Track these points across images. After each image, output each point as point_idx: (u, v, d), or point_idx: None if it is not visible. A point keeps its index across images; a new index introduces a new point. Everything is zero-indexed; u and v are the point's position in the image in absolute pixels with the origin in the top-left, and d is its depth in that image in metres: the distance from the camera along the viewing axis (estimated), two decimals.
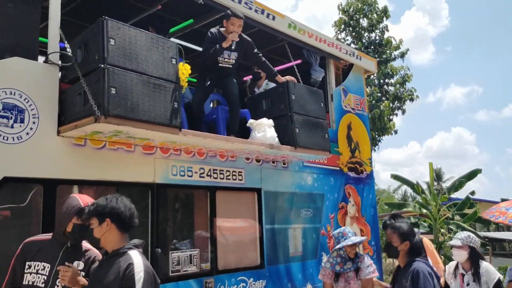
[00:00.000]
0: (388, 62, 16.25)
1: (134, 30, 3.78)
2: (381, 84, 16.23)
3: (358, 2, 16.55)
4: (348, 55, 7.38)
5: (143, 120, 3.66)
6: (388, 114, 15.28)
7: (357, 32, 16.62)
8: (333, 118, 7.11)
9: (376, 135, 15.23)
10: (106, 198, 2.71)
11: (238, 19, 5.07)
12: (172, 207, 4.83)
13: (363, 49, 16.12)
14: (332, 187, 6.71)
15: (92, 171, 3.94)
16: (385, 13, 16.62)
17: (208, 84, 5.30)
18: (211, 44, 5.10)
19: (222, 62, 5.20)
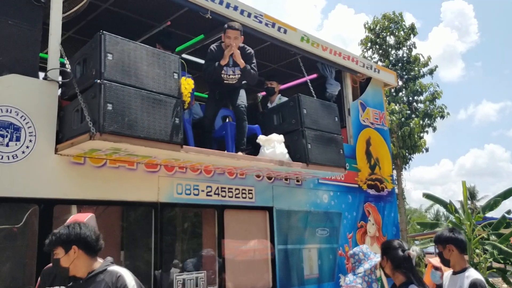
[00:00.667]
0: (417, 79, 16.08)
1: (133, 44, 3.67)
2: (410, 101, 16.02)
3: (384, 20, 16.46)
4: (366, 68, 7.14)
5: (142, 137, 3.51)
6: (419, 131, 15.01)
7: (384, 49, 16.52)
8: (351, 133, 6.85)
9: (407, 153, 14.94)
10: (67, 226, 2.60)
11: (233, 31, 4.94)
12: (177, 227, 4.66)
13: (391, 67, 16.09)
14: (350, 205, 6.42)
15: (91, 191, 3.81)
16: (412, 30, 16.48)
17: (217, 99, 5.16)
18: (211, 61, 5.01)
19: (227, 79, 5.06)
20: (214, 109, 5.14)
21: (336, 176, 6.26)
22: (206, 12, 4.99)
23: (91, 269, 2.51)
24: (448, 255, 3.32)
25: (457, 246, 3.29)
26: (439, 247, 3.39)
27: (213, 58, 5.00)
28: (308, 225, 5.72)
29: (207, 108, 5.12)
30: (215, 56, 5.00)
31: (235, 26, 4.93)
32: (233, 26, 4.93)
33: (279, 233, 5.29)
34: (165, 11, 5.30)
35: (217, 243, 4.65)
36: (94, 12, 5.28)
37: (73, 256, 2.50)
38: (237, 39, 4.96)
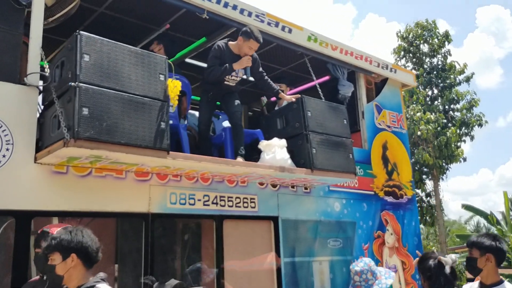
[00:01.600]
0: (453, 87, 15.63)
1: (114, 44, 3.45)
2: (446, 110, 15.53)
3: (417, 28, 16.10)
4: (381, 68, 6.74)
5: (122, 143, 3.27)
6: (456, 141, 14.51)
7: (417, 58, 16.13)
8: (365, 137, 6.46)
9: (444, 163, 14.43)
10: (69, 231, 2.43)
11: (257, 44, 4.66)
12: (170, 239, 4.39)
13: (425, 75, 15.73)
14: (365, 214, 6.01)
15: (75, 202, 3.59)
16: (446, 38, 16.02)
17: (210, 101, 4.85)
18: (216, 59, 4.68)
19: (228, 80, 4.78)
20: (209, 112, 4.84)
21: (349, 182, 5.88)
22: (203, 12, 4.75)
23: (83, 282, 2.36)
24: (483, 264, 2.94)
25: (497, 257, 2.92)
26: (473, 252, 3.00)
27: (220, 57, 4.68)
28: (318, 235, 5.36)
29: (201, 112, 4.83)
30: (222, 55, 4.69)
31: (261, 40, 4.66)
32: (260, 40, 4.64)
33: (285, 244, 4.95)
34: (162, 13, 5.10)
35: (216, 257, 4.35)
36: (90, 17, 5.14)
37: (70, 265, 2.37)
38: (254, 51, 4.74)
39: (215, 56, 4.70)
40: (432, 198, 15.26)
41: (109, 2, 4.83)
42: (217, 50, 4.71)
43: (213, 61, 4.69)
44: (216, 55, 4.70)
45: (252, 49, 4.66)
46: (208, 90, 4.87)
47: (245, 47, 4.63)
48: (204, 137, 4.82)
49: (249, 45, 4.61)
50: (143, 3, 4.87)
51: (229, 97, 4.84)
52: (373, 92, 6.97)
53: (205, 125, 4.80)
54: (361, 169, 6.16)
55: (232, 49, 4.76)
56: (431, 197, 15.31)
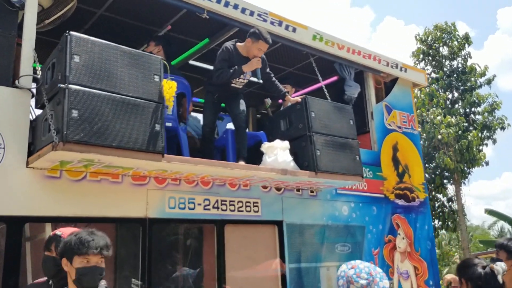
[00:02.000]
0: (474, 90, 15.38)
1: (106, 44, 3.35)
2: (467, 113, 15.27)
3: (436, 31, 15.88)
4: (390, 67, 6.55)
5: (114, 146, 3.16)
6: (477, 144, 14.26)
7: (437, 61, 15.90)
8: (374, 139, 6.27)
9: (465, 167, 14.16)
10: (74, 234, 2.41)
11: (267, 45, 4.54)
12: (169, 245, 4.27)
13: (445, 78, 15.51)
14: (375, 218, 5.82)
15: (68, 207, 3.49)
16: (466, 40, 15.77)
17: (216, 102, 4.74)
18: (225, 62, 4.54)
19: (235, 83, 4.66)
20: (213, 114, 4.73)
21: (358, 185, 5.70)
22: (203, 12, 4.64)
23: None
24: (508, 267, 2.80)
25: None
26: (500, 254, 2.87)
27: (228, 59, 4.53)
28: (326, 240, 5.19)
29: (205, 114, 4.72)
30: (230, 57, 4.55)
31: (270, 42, 4.55)
32: (269, 42, 4.53)
33: (290, 250, 4.79)
34: (163, 14, 5.01)
35: (217, 263, 4.21)
36: (90, 20, 5.08)
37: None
38: (263, 53, 4.62)
39: (224, 58, 4.56)
40: (454, 203, 14.95)
41: (108, 4, 4.77)
42: (225, 52, 4.57)
43: (222, 64, 4.54)
44: (225, 57, 4.56)
45: (261, 51, 4.54)
46: (212, 91, 4.75)
47: (254, 48, 4.51)
48: (207, 139, 4.70)
49: (258, 47, 4.49)
50: (143, 4, 4.79)
51: (234, 99, 4.71)
52: (382, 92, 6.77)
53: (209, 128, 4.68)
54: (370, 172, 5.98)
55: (240, 51, 4.62)
56: (452, 202, 14.99)
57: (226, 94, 4.71)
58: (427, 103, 14.79)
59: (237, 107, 4.61)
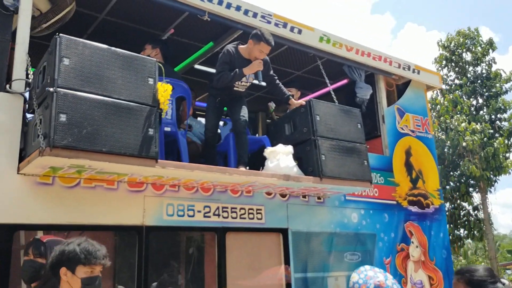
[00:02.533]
0: (499, 96, 15.02)
1: (98, 47, 3.26)
2: (493, 120, 14.89)
3: (459, 36, 15.56)
4: (402, 69, 6.34)
5: (104, 151, 3.05)
6: (504, 151, 13.90)
7: (460, 67, 15.56)
8: (386, 143, 6.05)
9: (491, 174, 13.79)
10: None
11: (268, 47, 4.38)
12: (167, 254, 4.13)
13: (469, 84, 15.18)
14: (386, 225, 5.59)
15: (61, 214, 3.39)
16: (490, 45, 15.47)
17: (218, 107, 4.60)
18: (226, 65, 4.41)
19: (238, 86, 4.53)
20: (215, 118, 4.59)
21: (368, 191, 5.50)
22: (204, 14, 4.53)
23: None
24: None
25: None
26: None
27: (229, 62, 4.41)
28: (334, 248, 4.99)
29: (208, 119, 4.59)
30: (232, 59, 4.42)
31: (272, 43, 4.37)
32: (271, 43, 4.35)
33: (296, 259, 4.61)
34: (165, 18, 4.92)
35: (218, 273, 4.06)
36: (92, 25, 5.02)
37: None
38: (265, 55, 4.47)
39: (225, 61, 4.44)
40: (480, 211, 14.53)
41: (109, 8, 4.70)
42: (226, 55, 4.45)
43: (223, 67, 4.43)
44: (226, 60, 4.44)
45: (263, 53, 4.40)
46: (215, 95, 4.63)
47: (255, 50, 4.37)
48: (210, 144, 4.57)
49: (259, 49, 4.35)
50: (144, 8, 4.70)
51: (236, 103, 4.57)
52: (394, 95, 6.56)
53: (211, 132, 4.55)
54: (382, 177, 5.76)
55: (242, 53, 4.50)
56: (478, 210, 14.59)
57: (229, 98, 4.58)
58: (451, 109, 14.43)
59: (238, 112, 4.47)
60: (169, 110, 4.13)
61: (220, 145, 4.70)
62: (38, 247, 2.89)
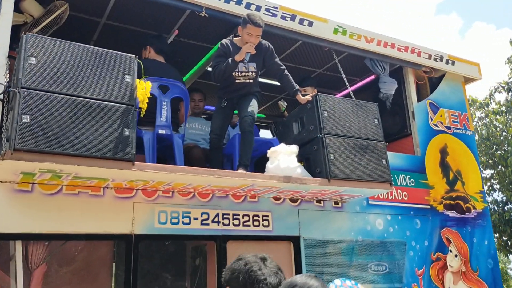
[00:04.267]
0: None
1: (70, 45, 3.08)
2: None
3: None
4: (433, 60, 5.77)
5: (72, 154, 2.85)
6: None
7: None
8: (417, 142, 5.50)
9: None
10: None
11: (256, 28, 4.01)
12: (159, 265, 3.86)
13: None
14: (418, 232, 5.03)
15: (42, 222, 3.22)
16: None
17: (225, 107, 4.28)
18: (221, 58, 4.14)
19: (239, 77, 4.18)
20: (221, 120, 4.26)
21: (396, 195, 4.99)
22: (201, 10, 4.29)
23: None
24: None
25: None
26: None
27: (224, 55, 4.14)
28: (355, 259, 4.52)
29: (214, 120, 4.30)
30: (227, 52, 4.14)
31: (259, 23, 4.01)
32: (257, 23, 4.00)
33: (310, 269, 4.19)
34: (167, 18, 4.74)
35: (218, 286, 3.73)
36: (96, 30, 4.93)
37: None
38: (258, 38, 4.08)
39: (219, 55, 4.18)
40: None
41: (108, 12, 4.58)
42: (220, 49, 4.20)
43: (217, 60, 4.15)
44: (220, 53, 4.18)
45: (252, 35, 4.02)
46: (221, 96, 4.34)
47: (244, 35, 4.06)
48: (214, 147, 4.24)
49: (247, 32, 4.01)
50: (144, 9, 4.55)
51: (244, 100, 4.21)
52: (427, 89, 5.99)
53: (215, 134, 4.22)
54: (412, 179, 5.22)
55: (238, 44, 4.19)
56: None
57: (236, 96, 4.24)
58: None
59: (245, 108, 4.11)
60: (163, 112, 3.90)
61: (226, 148, 4.40)
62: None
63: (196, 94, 5.18)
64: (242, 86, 4.21)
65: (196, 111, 5.14)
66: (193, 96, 5.17)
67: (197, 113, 5.15)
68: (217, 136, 4.22)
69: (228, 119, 4.39)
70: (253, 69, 4.18)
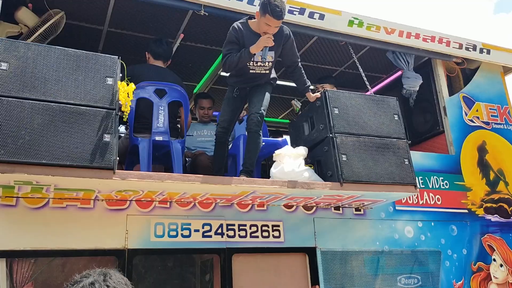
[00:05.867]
0: None
1: (45, 48, 2.90)
2: None
3: None
4: (465, 49, 5.24)
5: (44, 163, 2.63)
6: None
7: None
8: (450, 139, 4.98)
9: None
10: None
11: (276, 20, 3.47)
12: (156, 282, 3.56)
13: None
14: (455, 240, 4.50)
15: (27, 239, 3.03)
16: None
17: (236, 97, 3.84)
18: (233, 45, 3.64)
19: (254, 68, 3.70)
20: (229, 112, 3.82)
21: (427, 199, 4.50)
22: (200, 9, 4.05)
23: None
24: None
25: None
26: None
27: (236, 41, 3.63)
28: (382, 271, 4.06)
29: (222, 111, 3.87)
30: (239, 37, 3.63)
31: (280, 15, 3.45)
32: (278, 15, 3.43)
33: (328, 284, 3.79)
34: (169, 22, 4.54)
35: None
36: (99, 40, 4.80)
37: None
38: (276, 29, 3.57)
39: (230, 41, 3.67)
40: None
41: (109, 19, 4.43)
42: (232, 34, 3.67)
43: (228, 48, 3.64)
44: (231, 39, 3.67)
45: (271, 27, 3.51)
46: (232, 84, 3.87)
47: (262, 24, 3.52)
48: (220, 142, 3.80)
49: (265, 22, 3.47)
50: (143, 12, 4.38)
51: (255, 93, 3.74)
52: (460, 82, 5.46)
53: (222, 127, 3.77)
54: (446, 181, 4.71)
55: (253, 28, 3.68)
56: None
57: (249, 85, 3.81)
58: None
59: (255, 104, 3.65)
60: (160, 117, 3.65)
61: (231, 148, 4.08)
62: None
63: (205, 101, 4.91)
64: (257, 76, 3.77)
65: (205, 120, 4.87)
66: (202, 103, 4.91)
67: (206, 121, 4.87)
68: (224, 130, 3.77)
69: (238, 111, 3.94)
70: (270, 59, 3.69)
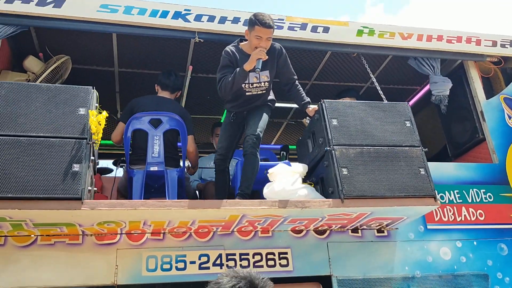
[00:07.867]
0: None
1: (17, 85, 2.97)
2: None
3: None
4: (499, 46, 4.71)
5: (10, 197, 2.60)
6: None
7: None
8: (492, 147, 4.40)
9: None
10: None
11: (266, 29, 3.34)
12: None
13: None
14: (506, 261, 3.86)
15: (14, 277, 2.99)
16: None
17: (233, 122, 3.68)
18: (227, 68, 3.50)
19: (250, 89, 3.55)
20: (228, 138, 3.66)
21: (466, 215, 3.95)
22: (194, 36, 4.01)
23: None
24: None
25: None
26: None
27: (230, 64, 3.50)
28: None
29: (220, 138, 3.72)
30: (233, 60, 3.51)
31: (268, 23, 3.34)
32: (266, 23, 3.33)
33: None
34: (172, 55, 4.55)
35: None
36: (114, 81, 4.92)
37: None
38: (268, 41, 3.42)
39: (224, 65, 3.53)
40: None
41: (117, 60, 4.54)
42: (225, 58, 3.54)
43: (223, 72, 3.51)
44: (225, 63, 3.53)
45: (262, 39, 3.36)
46: (230, 110, 3.74)
47: (253, 39, 3.38)
48: (219, 170, 3.63)
49: (255, 35, 3.35)
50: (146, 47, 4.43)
51: (253, 114, 3.59)
52: (500, 83, 4.88)
53: (219, 155, 3.61)
54: (489, 193, 4.12)
55: (245, 50, 3.56)
56: None
57: (246, 109, 3.64)
58: None
59: (251, 126, 3.48)
60: (155, 147, 3.56)
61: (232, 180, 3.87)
62: None
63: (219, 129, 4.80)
64: (254, 98, 3.60)
65: None
66: (217, 131, 4.80)
67: None
68: (222, 157, 3.60)
69: (236, 137, 3.74)
70: (266, 79, 3.54)
